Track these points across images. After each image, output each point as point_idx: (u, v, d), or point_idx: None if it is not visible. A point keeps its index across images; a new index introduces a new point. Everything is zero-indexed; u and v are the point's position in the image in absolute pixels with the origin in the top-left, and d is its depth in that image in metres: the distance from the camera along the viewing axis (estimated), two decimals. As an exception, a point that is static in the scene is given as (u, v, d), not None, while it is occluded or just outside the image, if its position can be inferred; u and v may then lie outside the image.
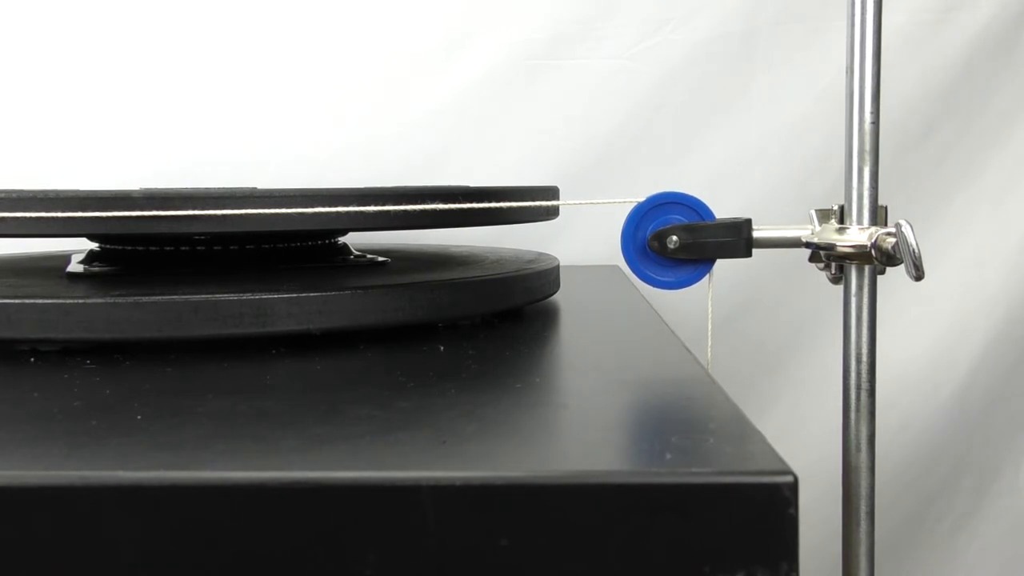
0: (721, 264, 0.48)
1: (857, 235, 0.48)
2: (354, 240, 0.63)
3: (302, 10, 0.85)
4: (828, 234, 0.49)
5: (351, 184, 0.69)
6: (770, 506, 0.26)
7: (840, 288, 0.51)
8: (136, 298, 0.43)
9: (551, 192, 0.56)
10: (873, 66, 0.48)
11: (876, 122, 0.48)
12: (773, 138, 0.85)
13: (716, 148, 0.86)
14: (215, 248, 0.54)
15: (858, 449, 0.50)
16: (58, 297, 0.43)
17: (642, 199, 0.47)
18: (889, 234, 0.46)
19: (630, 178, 0.84)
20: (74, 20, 0.84)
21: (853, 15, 0.48)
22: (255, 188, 0.54)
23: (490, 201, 0.47)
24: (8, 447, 0.30)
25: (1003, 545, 0.89)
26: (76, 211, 0.44)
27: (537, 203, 0.51)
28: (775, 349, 0.88)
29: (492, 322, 0.51)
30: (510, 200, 0.49)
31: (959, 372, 0.87)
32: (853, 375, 0.50)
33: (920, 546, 0.89)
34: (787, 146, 0.85)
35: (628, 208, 0.48)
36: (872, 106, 0.48)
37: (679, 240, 0.47)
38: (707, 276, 0.48)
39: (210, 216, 0.44)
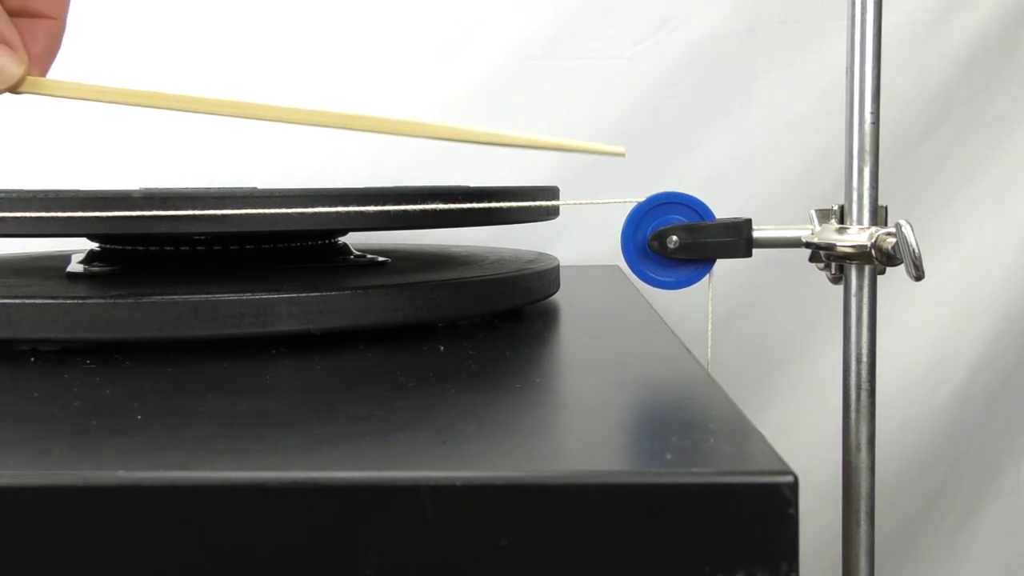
0: (721, 264, 0.48)
1: (857, 235, 0.48)
2: (354, 240, 0.63)
3: (302, 10, 0.85)
4: (828, 234, 0.49)
5: (351, 184, 0.69)
6: (770, 506, 0.26)
7: (840, 288, 0.51)
8: (136, 298, 0.43)
9: (551, 192, 0.56)
10: (873, 66, 0.48)
11: (876, 122, 0.48)
12: (773, 138, 0.85)
13: (716, 148, 0.85)
14: (215, 248, 0.54)
15: (858, 449, 0.50)
16: (58, 297, 0.43)
17: (642, 199, 0.47)
18: (889, 234, 0.46)
19: (630, 178, 0.85)
20: (73, 19, 0.84)
21: (853, 15, 0.48)
22: (255, 188, 0.54)
23: (490, 201, 0.47)
24: (8, 447, 0.30)
25: (1004, 545, 0.89)
26: (76, 211, 0.44)
27: (537, 203, 0.51)
28: (775, 349, 0.88)
29: (492, 322, 0.51)
30: (510, 200, 0.49)
31: (959, 372, 0.87)
32: (853, 375, 0.50)
33: (920, 546, 0.89)
34: (787, 146, 0.85)
35: (628, 208, 0.48)
36: (872, 106, 0.48)
37: (679, 240, 0.47)
38: (707, 276, 0.48)
39: (210, 216, 0.44)
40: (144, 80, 0.83)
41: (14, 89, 0.38)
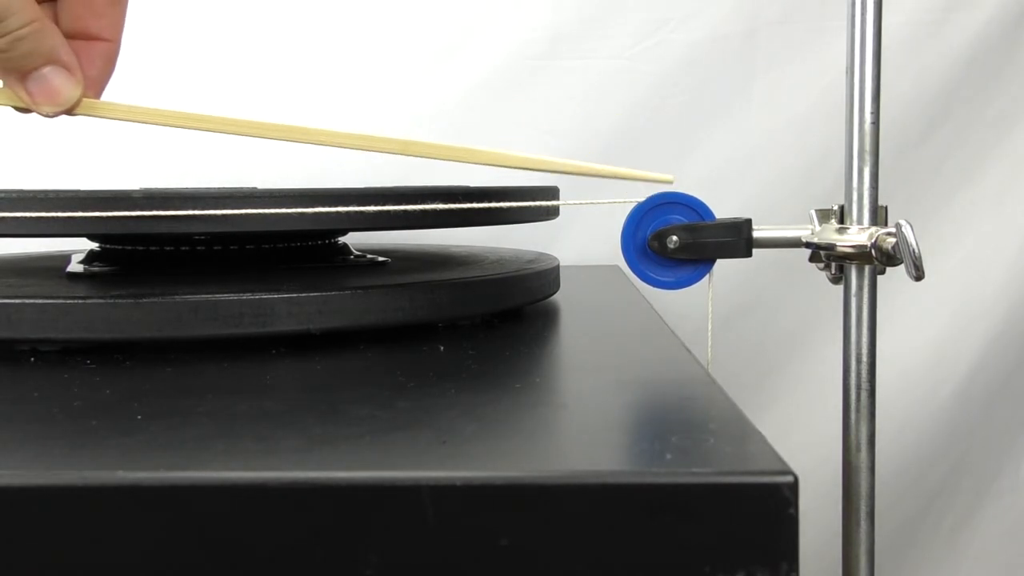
0: (721, 264, 0.48)
1: (857, 235, 0.48)
2: (354, 240, 0.63)
3: (303, 11, 0.85)
4: (828, 234, 0.49)
5: (351, 184, 0.69)
6: (770, 506, 0.26)
7: (840, 288, 0.51)
8: (136, 298, 0.43)
9: (551, 192, 0.56)
10: (873, 66, 0.48)
11: (876, 122, 0.48)
12: (773, 138, 0.85)
13: (716, 148, 0.85)
14: (215, 248, 0.54)
15: (858, 449, 0.50)
16: (58, 297, 0.43)
17: (642, 199, 0.47)
18: (889, 234, 0.46)
19: (630, 178, 0.84)
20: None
21: (853, 15, 0.48)
22: (255, 188, 0.54)
23: (490, 201, 0.47)
24: (8, 447, 0.30)
25: (1004, 545, 0.89)
26: (76, 211, 0.44)
27: (537, 203, 0.51)
28: (775, 349, 0.88)
29: (492, 322, 0.51)
30: (510, 200, 0.49)
31: (959, 372, 0.87)
32: (853, 375, 0.50)
33: (920, 546, 0.89)
34: (787, 146, 0.85)
35: (628, 208, 0.48)
36: (872, 106, 0.48)
37: (679, 240, 0.47)
38: (707, 276, 0.48)
39: (210, 216, 0.44)
40: (145, 89, 0.84)
41: (71, 111, 0.38)
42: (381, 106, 0.85)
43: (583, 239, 0.85)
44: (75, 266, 0.54)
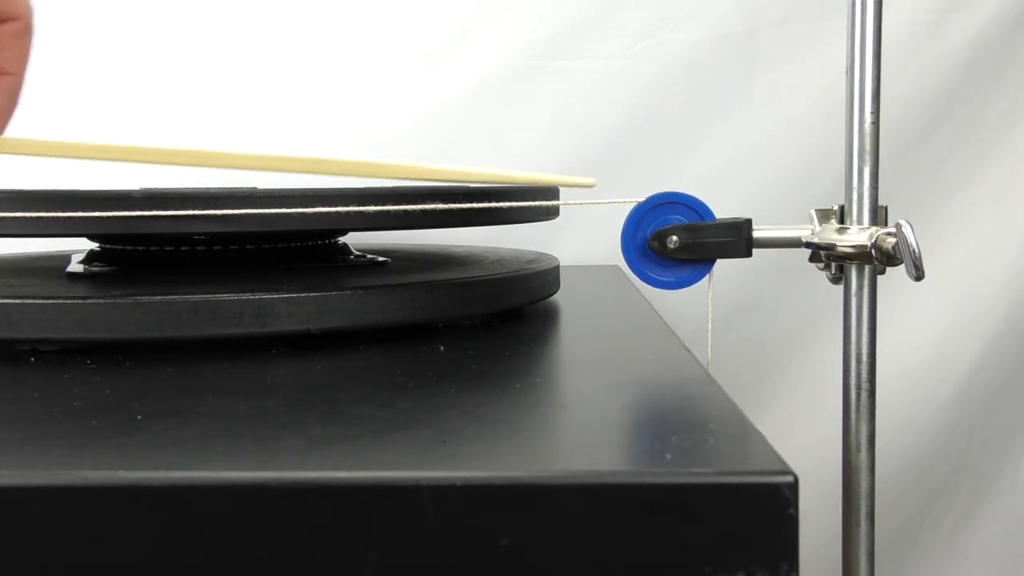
0: (721, 264, 0.48)
1: (857, 235, 0.48)
2: (354, 240, 0.63)
3: (302, 10, 0.85)
4: (828, 234, 0.49)
5: (350, 184, 0.69)
6: (770, 506, 0.26)
7: (840, 288, 0.51)
8: (136, 298, 0.43)
9: (551, 192, 0.56)
10: (873, 66, 0.48)
11: (876, 122, 0.48)
12: (773, 138, 0.85)
13: (716, 148, 0.85)
14: (215, 248, 0.54)
15: (858, 449, 0.50)
16: (58, 297, 0.43)
17: (642, 199, 0.47)
18: (889, 234, 0.46)
19: (630, 178, 0.84)
20: (71, 18, 0.84)
21: (853, 15, 0.48)
22: (255, 188, 0.54)
23: (490, 201, 0.47)
24: (8, 447, 0.30)
25: (1003, 545, 0.89)
26: (76, 211, 0.44)
27: (537, 203, 0.51)
28: (775, 349, 0.88)
29: (492, 322, 0.51)
30: (510, 200, 0.49)
31: (959, 372, 0.87)
32: (853, 375, 0.50)
33: (920, 546, 0.89)
34: (787, 146, 0.85)
35: (628, 208, 0.48)
36: (872, 106, 0.48)
37: (679, 240, 0.47)
38: (707, 276, 0.48)
39: (210, 216, 0.44)
40: (135, 95, 0.84)
41: None
42: (381, 106, 0.85)
43: (583, 239, 0.85)
44: (75, 266, 0.54)
